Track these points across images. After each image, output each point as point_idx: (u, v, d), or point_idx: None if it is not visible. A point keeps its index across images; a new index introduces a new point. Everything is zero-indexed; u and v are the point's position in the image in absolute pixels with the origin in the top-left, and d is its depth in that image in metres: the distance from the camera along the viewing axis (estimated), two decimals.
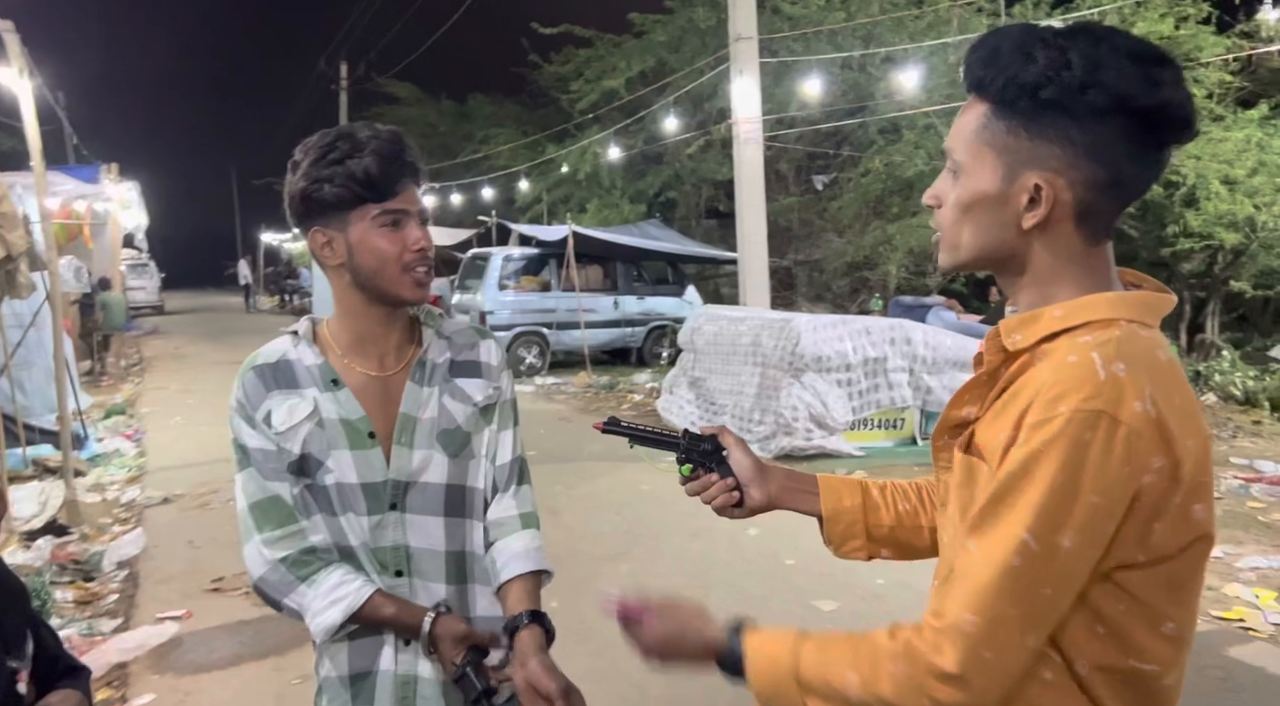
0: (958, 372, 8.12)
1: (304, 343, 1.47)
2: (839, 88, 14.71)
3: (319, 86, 31.54)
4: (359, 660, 1.45)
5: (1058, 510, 0.91)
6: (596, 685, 3.64)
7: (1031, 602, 0.92)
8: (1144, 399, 0.91)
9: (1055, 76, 0.96)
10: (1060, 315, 1.00)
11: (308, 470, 1.42)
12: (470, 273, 14.27)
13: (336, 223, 1.40)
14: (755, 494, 1.34)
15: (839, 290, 17.44)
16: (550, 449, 8.26)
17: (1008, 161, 1.01)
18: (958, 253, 1.08)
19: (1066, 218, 1.00)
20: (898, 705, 0.96)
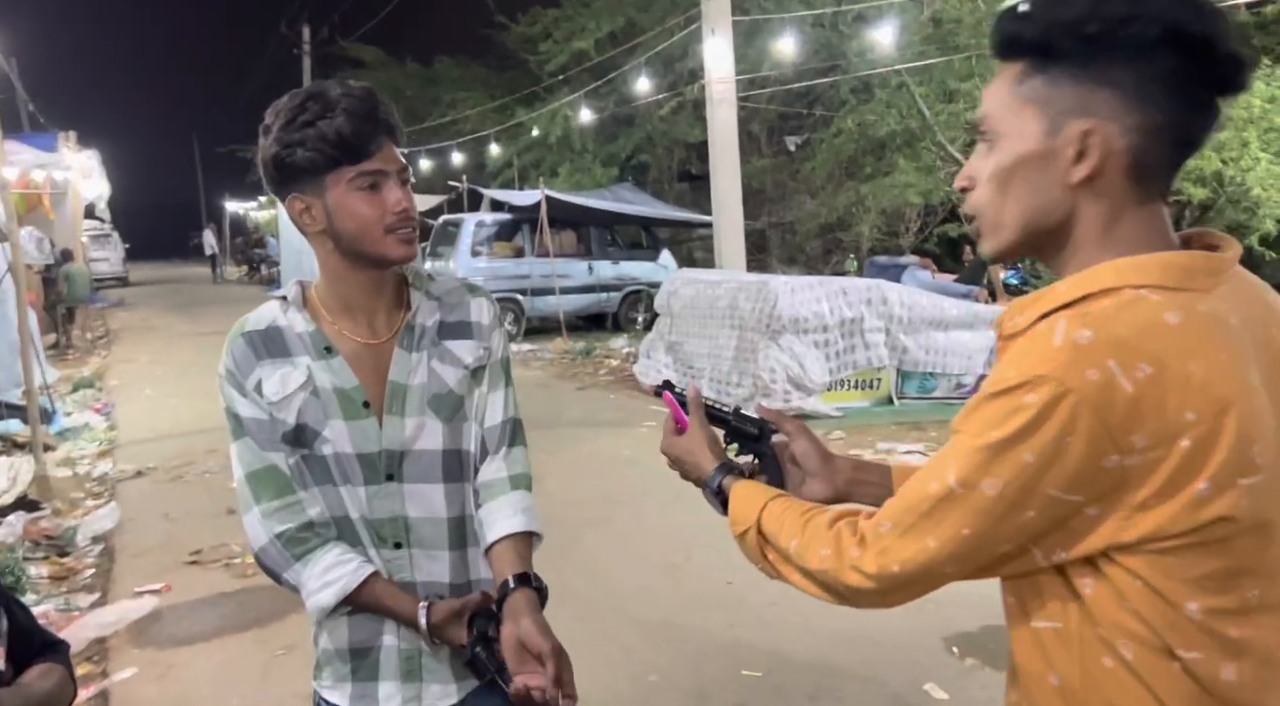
0: (934, 332, 8.16)
1: (294, 308, 1.42)
2: (811, 46, 14.57)
3: (281, 50, 30.87)
4: (360, 634, 1.42)
5: (986, 458, 0.90)
6: (580, 649, 3.63)
7: (948, 536, 0.94)
8: (1103, 367, 0.86)
9: (1096, 11, 0.91)
10: (1064, 289, 0.95)
11: (304, 440, 1.38)
12: (442, 239, 14.11)
13: (313, 188, 1.35)
14: (817, 486, 1.29)
15: (812, 252, 17.45)
16: (529, 415, 8.11)
17: (1050, 113, 0.94)
18: (1001, 233, 1.01)
19: (1118, 170, 0.94)
20: (820, 579, 1.05)
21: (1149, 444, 0.86)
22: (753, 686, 3.34)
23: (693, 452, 1.29)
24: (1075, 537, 0.91)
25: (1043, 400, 0.87)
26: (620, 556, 4.69)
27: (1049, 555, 0.94)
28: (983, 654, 3.47)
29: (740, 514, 1.17)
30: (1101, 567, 0.92)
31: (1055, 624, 0.96)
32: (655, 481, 6.07)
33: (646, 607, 4.05)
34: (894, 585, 0.99)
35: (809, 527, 1.08)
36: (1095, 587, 0.93)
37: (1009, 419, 0.89)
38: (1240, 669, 0.91)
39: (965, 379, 8.26)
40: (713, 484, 1.26)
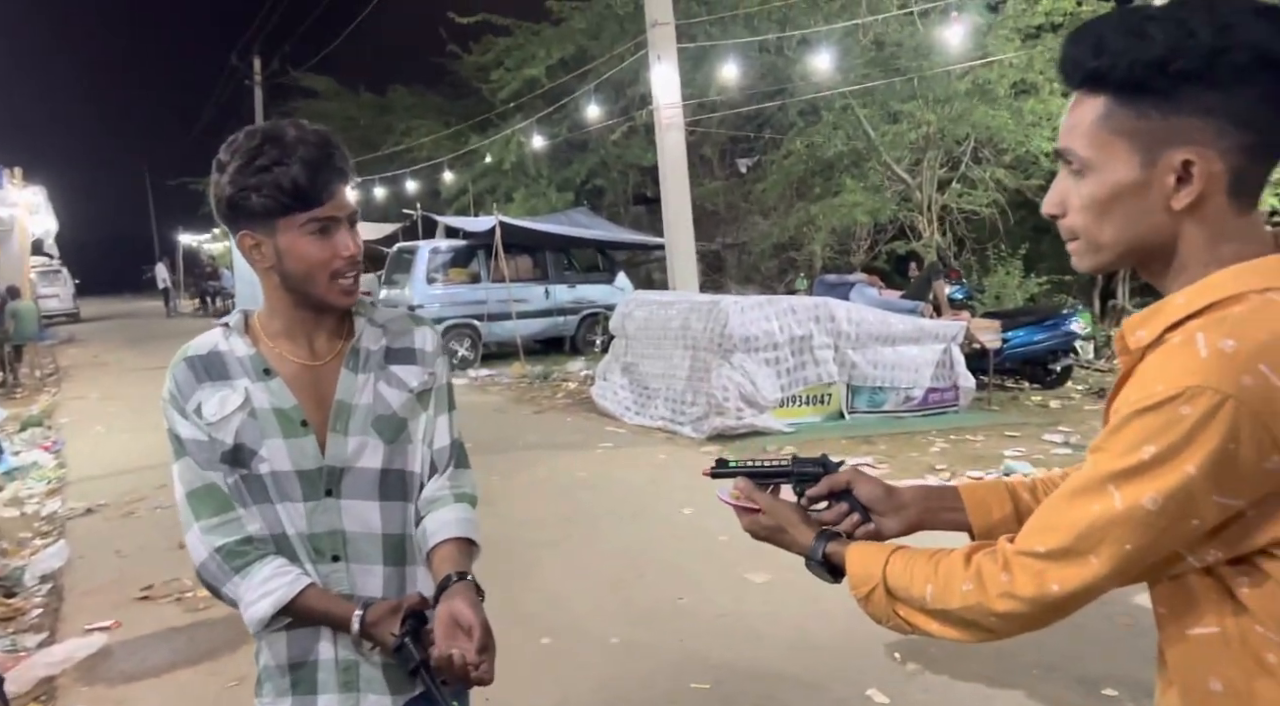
0: (881, 347, 8.34)
1: (235, 334, 1.49)
2: (758, 71, 14.86)
3: (232, 81, 30.70)
4: (297, 649, 1.47)
5: (1143, 471, 0.91)
6: (535, 666, 3.70)
7: (1111, 554, 0.95)
8: (1256, 371, 0.87)
9: (1182, 46, 0.91)
10: (1183, 302, 0.96)
11: (242, 460, 1.43)
12: (397, 267, 14.10)
13: (264, 228, 1.41)
14: (890, 524, 1.29)
15: (767, 271, 17.67)
16: (486, 440, 8.24)
17: (1144, 145, 0.96)
18: (1100, 254, 1.03)
19: (1219, 191, 0.95)
20: (964, 617, 1.04)
21: None
22: (702, 698, 3.41)
23: (783, 530, 1.28)
24: (1236, 540, 0.93)
25: (1201, 410, 0.88)
26: (574, 576, 4.74)
27: (1203, 558, 0.95)
28: (924, 658, 3.57)
29: (861, 575, 1.16)
30: (1262, 566, 0.93)
31: (1213, 629, 0.97)
32: (610, 502, 6.15)
33: (599, 625, 4.10)
34: (1052, 606, 1.00)
35: (941, 568, 1.08)
36: (1254, 585, 0.94)
37: (1165, 432, 0.90)
38: None
39: (913, 392, 8.44)
40: (816, 554, 1.23)
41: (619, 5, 16.07)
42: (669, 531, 5.41)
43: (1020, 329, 9.46)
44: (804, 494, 1.31)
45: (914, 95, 13.19)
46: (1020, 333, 9.42)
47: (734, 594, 4.35)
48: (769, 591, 4.33)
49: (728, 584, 4.47)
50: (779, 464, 1.34)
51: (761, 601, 4.25)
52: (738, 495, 1.31)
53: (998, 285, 13.16)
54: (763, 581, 4.44)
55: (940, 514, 1.29)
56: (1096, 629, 3.70)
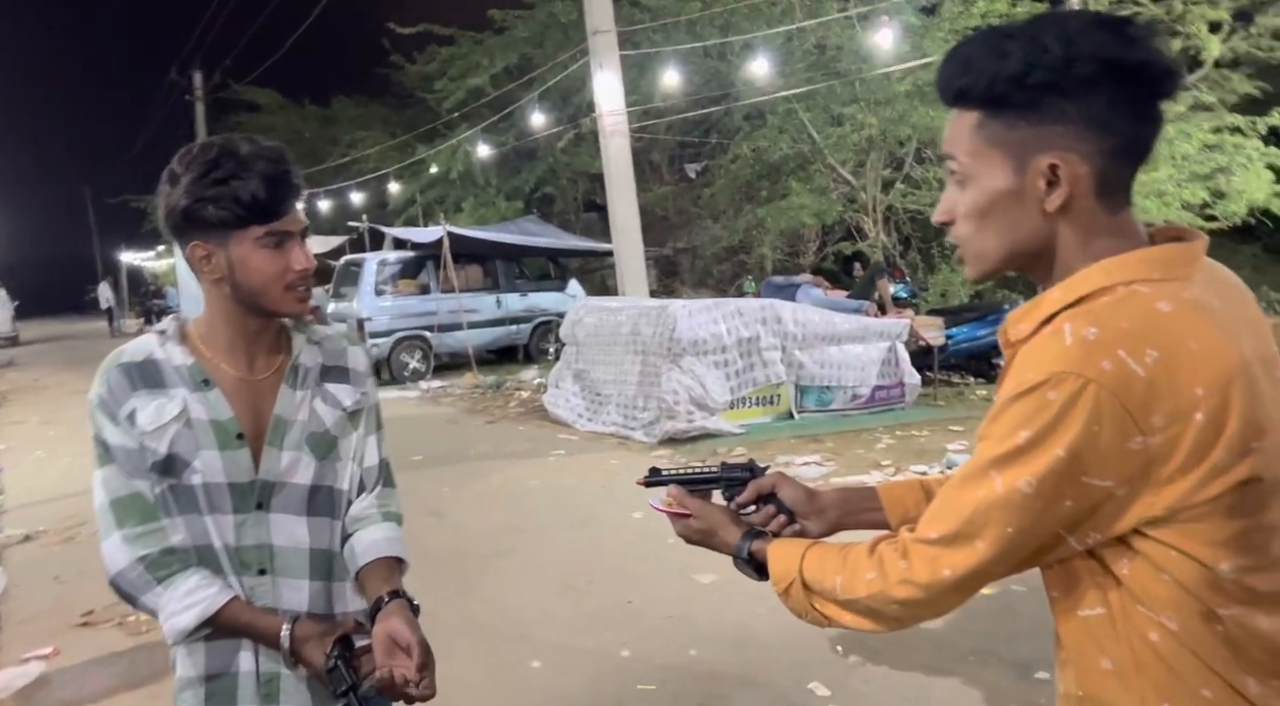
0: (827, 347, 8.45)
1: (171, 342, 1.48)
2: (702, 76, 15.00)
3: (172, 97, 30.16)
4: (216, 661, 1.47)
5: (1018, 456, 0.96)
6: (484, 676, 3.70)
7: (995, 537, 1.00)
8: (1115, 357, 0.93)
9: (1037, 61, 0.99)
10: (1058, 296, 1.02)
11: (172, 470, 1.42)
12: (345, 280, 13.96)
13: (217, 238, 1.42)
14: (813, 525, 1.34)
15: (720, 274, 17.80)
16: (437, 452, 8.21)
17: (1014, 154, 1.02)
18: (985, 259, 1.09)
19: (1087, 192, 1.02)
20: (870, 605, 1.10)
21: (1167, 421, 0.93)
22: (649, 699, 3.44)
23: (713, 532, 1.33)
24: (1109, 520, 0.97)
25: (1065, 395, 0.94)
26: (524, 584, 4.75)
27: (1083, 540, 0.99)
28: (865, 650, 3.64)
29: (781, 570, 1.20)
30: (1135, 545, 0.98)
31: (1100, 610, 1.02)
32: (561, 509, 6.16)
33: (548, 631, 4.11)
34: (945, 591, 1.05)
35: (849, 559, 1.13)
36: (1132, 567, 0.99)
37: (1035, 416, 0.96)
38: (1272, 617, 0.98)
39: (860, 390, 8.56)
40: (742, 552, 1.28)
41: (562, 13, 16.12)
42: (619, 536, 5.43)
43: (963, 325, 9.65)
44: (733, 498, 1.37)
45: (855, 98, 13.40)
46: (963, 329, 9.61)
47: (682, 595, 4.39)
48: (716, 592, 4.38)
49: (676, 586, 4.51)
50: (708, 471, 1.41)
51: (708, 602, 4.29)
52: (669, 502, 1.37)
53: (942, 283, 13.41)
54: (710, 582, 4.48)
55: (859, 514, 1.35)
56: (1030, 615, 3.80)
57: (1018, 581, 4.07)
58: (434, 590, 4.64)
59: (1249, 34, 13.00)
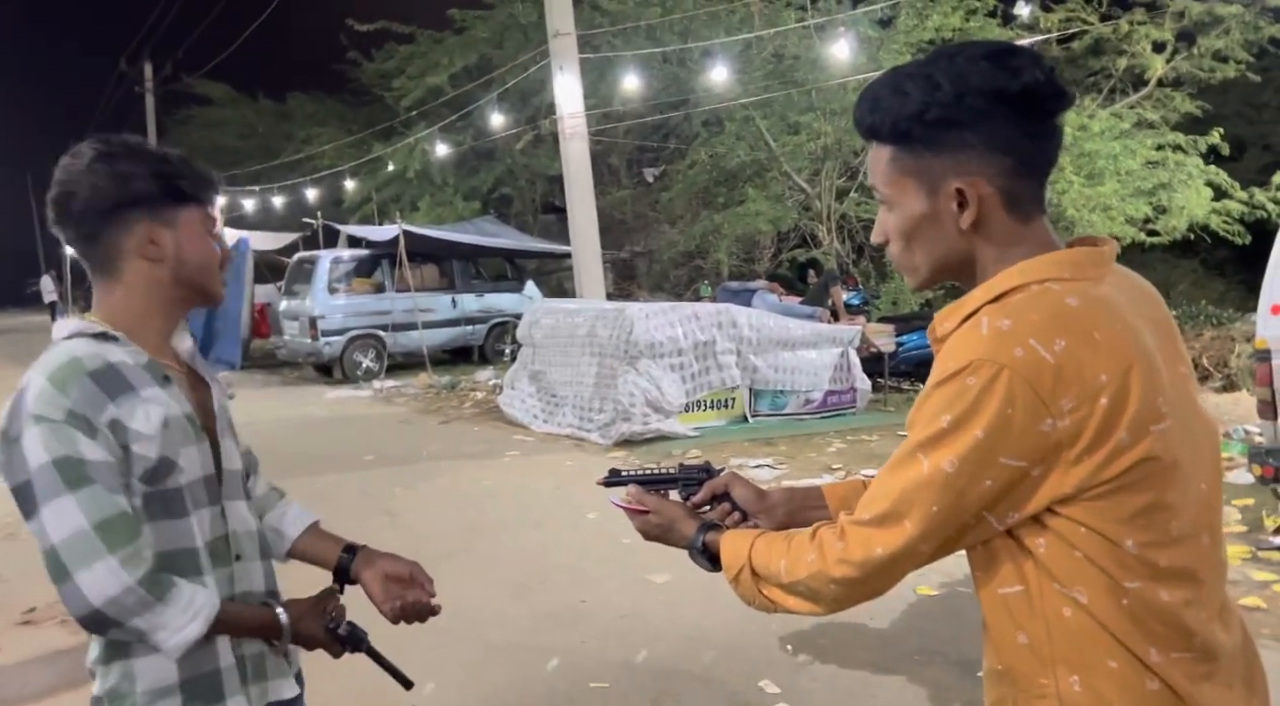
0: (781, 352, 8.56)
1: (114, 343, 1.40)
2: (661, 82, 15.07)
3: (121, 88, 29.51)
4: (191, 664, 1.40)
5: (941, 438, 1.05)
6: (437, 676, 3.70)
7: (921, 516, 1.07)
8: (1026, 345, 1.01)
9: (931, 99, 1.09)
10: (979, 294, 1.12)
11: (160, 475, 1.37)
12: (297, 277, 13.80)
13: (166, 217, 1.41)
14: (763, 523, 1.42)
15: (676, 279, 17.89)
16: (390, 452, 8.16)
17: (926, 181, 1.13)
18: (918, 273, 1.20)
19: (997, 208, 1.12)
20: (810, 585, 1.16)
21: (1075, 405, 1.01)
22: (601, 697, 3.47)
23: (669, 526, 1.40)
24: (1024, 499, 1.05)
25: (983, 380, 1.03)
26: (477, 583, 4.75)
27: (1002, 519, 1.07)
28: (814, 649, 3.71)
29: (731, 558, 1.27)
30: (1047, 523, 1.06)
31: (1017, 588, 1.10)
32: (514, 509, 6.16)
33: (501, 630, 4.13)
34: (879, 569, 1.12)
35: (793, 544, 1.20)
36: (1047, 544, 1.06)
37: (956, 401, 1.04)
38: (1171, 591, 1.06)
39: (813, 394, 8.68)
40: (696, 543, 1.34)
41: (522, 14, 16.10)
42: (573, 536, 5.46)
43: (914, 333, 9.83)
44: (689, 497, 1.46)
45: (812, 107, 13.58)
46: (914, 337, 9.79)
47: (635, 594, 4.43)
48: (669, 591, 4.42)
49: (629, 585, 4.55)
50: (666, 472, 1.51)
51: (661, 601, 4.34)
52: (629, 499, 1.44)
53: (894, 291, 13.62)
54: (663, 581, 4.53)
55: (806, 512, 1.43)
56: (974, 616, 3.87)
57: (964, 582, 4.18)
58: None
59: (1191, 54, 13.42)
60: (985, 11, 13.46)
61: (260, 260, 15.34)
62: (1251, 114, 17.35)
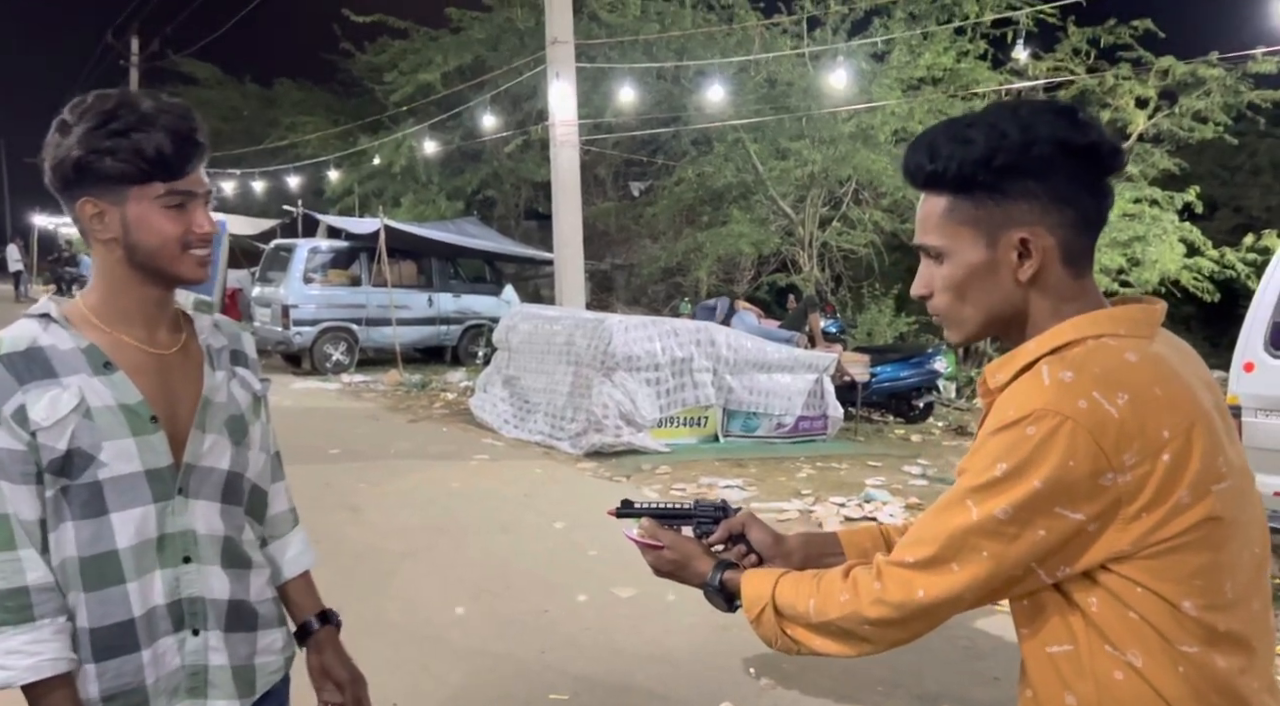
0: (757, 374, 8.57)
1: (56, 326, 1.33)
2: (654, 97, 15.12)
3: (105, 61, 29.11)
4: (112, 679, 1.32)
5: (995, 486, 1.03)
6: (392, 676, 3.64)
7: (969, 562, 1.05)
8: (1090, 397, 1.00)
9: (999, 145, 1.09)
10: (1033, 347, 1.11)
11: (71, 469, 1.28)
12: (273, 264, 13.63)
13: (112, 195, 1.31)
14: (779, 568, 1.37)
15: (654, 294, 17.92)
16: (356, 447, 8.05)
17: (986, 230, 1.11)
18: (965, 326, 1.18)
19: (1055, 261, 1.11)
20: (842, 626, 1.14)
21: (1137, 460, 0.99)
22: None
23: (684, 563, 1.37)
24: (1077, 553, 1.03)
25: (1044, 430, 1.01)
26: (439, 586, 4.69)
27: (1053, 573, 1.05)
28: (777, 674, 3.69)
29: (753, 596, 1.24)
30: (1100, 580, 1.04)
31: (1066, 647, 1.07)
32: (480, 513, 6.10)
33: (461, 635, 4.07)
34: (918, 613, 1.09)
35: (823, 583, 1.17)
36: (1100, 603, 1.04)
37: (1014, 450, 1.02)
38: (1227, 658, 1.03)
39: (785, 419, 8.70)
40: (714, 581, 1.32)
41: (520, 19, 16.11)
42: (539, 544, 5.41)
43: (888, 364, 9.90)
44: (703, 536, 1.43)
45: (802, 134, 13.70)
46: (888, 368, 9.86)
47: (599, 607, 4.39)
48: (634, 605, 4.39)
49: (594, 598, 4.51)
50: (681, 507, 1.47)
51: (625, 615, 4.30)
52: (643, 534, 1.41)
53: (870, 322, 13.74)
54: (628, 596, 4.49)
55: (823, 558, 1.40)
56: (938, 649, 3.90)
57: None
58: (346, 585, 4.54)
59: (1172, 112, 13.69)
60: (976, 54, 13.67)
61: (236, 245, 15.15)
62: (1225, 175, 17.76)
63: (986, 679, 3.74)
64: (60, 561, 1.30)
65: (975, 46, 13.56)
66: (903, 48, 13.22)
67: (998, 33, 13.61)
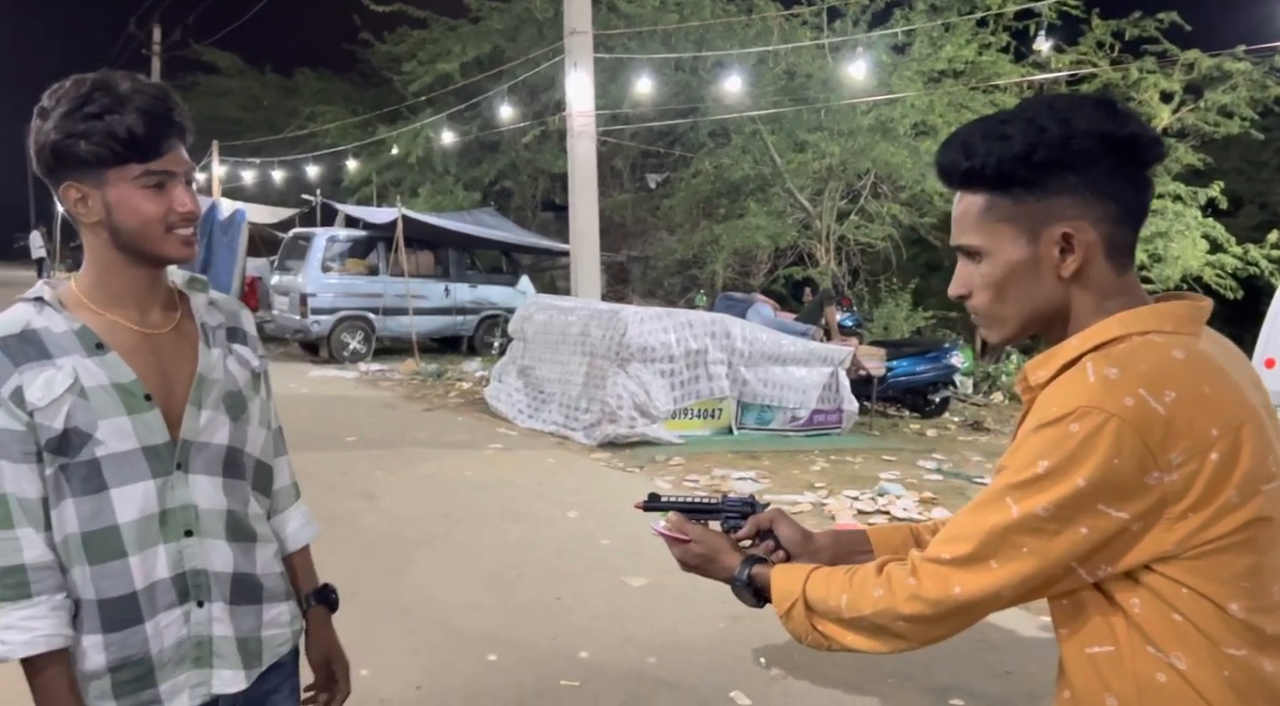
0: (772, 366, 8.56)
1: (50, 309, 1.36)
2: (672, 88, 15.09)
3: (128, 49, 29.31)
4: (120, 651, 1.35)
5: (1036, 483, 1.01)
6: (407, 660, 3.67)
7: (1009, 558, 1.04)
8: (1136, 395, 0.98)
9: (1038, 140, 1.07)
10: (1076, 343, 1.09)
11: (69, 447, 1.31)
12: (291, 253, 13.71)
13: (92, 179, 1.33)
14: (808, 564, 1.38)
15: (670, 286, 17.90)
16: (372, 435, 8.10)
17: (1026, 226, 1.09)
18: (1006, 325, 1.16)
19: (1098, 255, 1.09)
20: (875, 622, 1.13)
21: (1184, 459, 0.98)
22: (570, 695, 3.44)
23: (711, 558, 1.36)
24: (1119, 553, 1.01)
25: (1089, 427, 0.99)
26: (452, 573, 4.71)
27: (1094, 571, 1.03)
28: (788, 664, 3.69)
29: (783, 591, 1.23)
30: (1143, 581, 1.02)
31: (1108, 647, 1.05)
32: (496, 502, 6.12)
33: (473, 621, 4.09)
34: (953, 610, 1.08)
35: (856, 578, 1.16)
36: (1143, 604, 1.02)
37: (1058, 446, 1.00)
38: (1275, 661, 1.01)
39: (799, 412, 8.69)
40: (742, 576, 1.31)
41: (538, 9, 16.08)
42: (552, 533, 5.43)
43: (904, 359, 9.86)
44: (731, 531, 1.42)
45: (820, 126, 13.63)
46: (904, 362, 9.82)
47: (611, 596, 4.41)
48: (645, 594, 4.40)
49: (606, 586, 4.52)
50: (709, 502, 1.46)
51: (637, 604, 4.31)
52: (669, 527, 1.40)
53: (886, 316, 13.68)
54: (640, 585, 4.50)
55: (851, 556, 1.39)
56: (949, 642, 3.89)
57: None
58: (361, 572, 4.58)
59: (1197, 107, 13.54)
60: (998, 47, 13.55)
61: (255, 233, 15.23)
62: (1251, 171, 17.53)
63: (998, 672, 3.73)
64: (64, 537, 1.34)
65: (997, 39, 13.44)
66: (924, 39, 13.12)
67: (1020, 25, 13.50)
